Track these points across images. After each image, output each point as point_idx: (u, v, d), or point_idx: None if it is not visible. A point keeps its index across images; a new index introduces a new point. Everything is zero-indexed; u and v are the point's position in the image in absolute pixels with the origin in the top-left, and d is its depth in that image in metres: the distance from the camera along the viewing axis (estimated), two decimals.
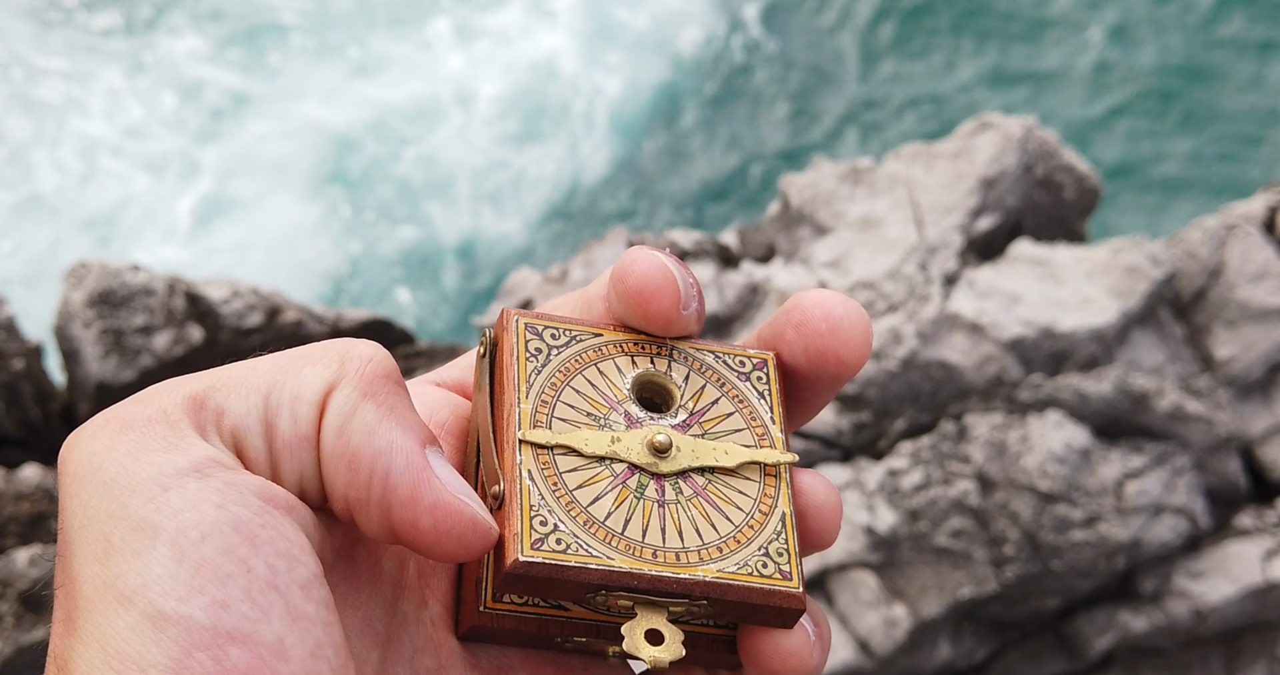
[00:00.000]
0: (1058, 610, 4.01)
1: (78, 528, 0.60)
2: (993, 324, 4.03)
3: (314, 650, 0.59)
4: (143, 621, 0.57)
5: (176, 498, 0.59)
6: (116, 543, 0.58)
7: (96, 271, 3.98)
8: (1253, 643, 4.06)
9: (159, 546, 0.58)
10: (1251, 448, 4.21)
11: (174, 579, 0.57)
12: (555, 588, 0.65)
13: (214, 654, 0.56)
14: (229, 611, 0.57)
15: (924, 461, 3.90)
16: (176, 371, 3.94)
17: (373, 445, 0.63)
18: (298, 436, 0.63)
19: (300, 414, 0.63)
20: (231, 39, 9.23)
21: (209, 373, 0.64)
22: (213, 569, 0.58)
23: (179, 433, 0.61)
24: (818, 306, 0.70)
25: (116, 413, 0.63)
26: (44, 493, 3.62)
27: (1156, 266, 4.18)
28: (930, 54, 9.19)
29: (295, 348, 0.66)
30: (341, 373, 0.64)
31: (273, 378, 0.63)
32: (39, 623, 3.40)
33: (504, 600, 0.68)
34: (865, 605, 3.83)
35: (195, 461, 0.60)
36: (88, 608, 0.58)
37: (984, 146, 4.44)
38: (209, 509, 0.59)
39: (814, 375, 0.71)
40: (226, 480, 0.60)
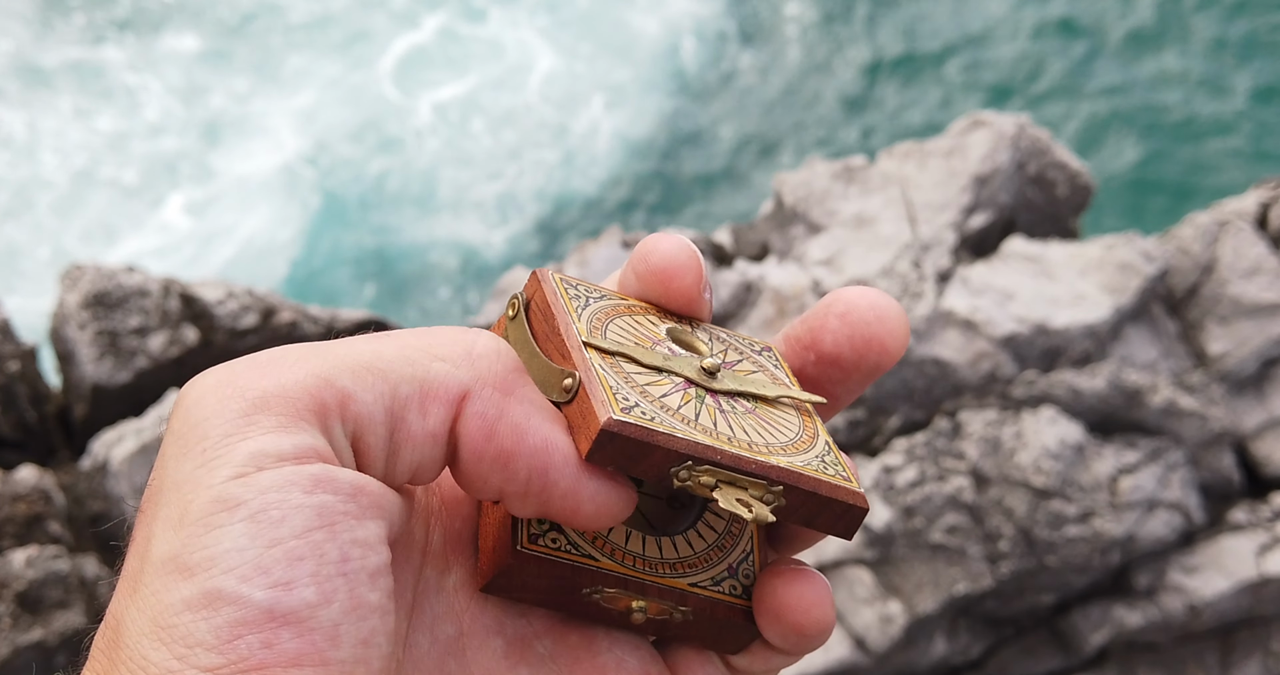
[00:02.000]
0: (1053, 606, 4.02)
1: (164, 489, 0.60)
2: (986, 321, 4.04)
3: (367, 638, 0.59)
4: (198, 597, 0.57)
5: (267, 478, 0.59)
6: (194, 512, 0.59)
7: (91, 273, 3.98)
8: (1247, 637, 4.07)
9: (236, 522, 0.58)
10: (1245, 443, 4.21)
11: (242, 555, 0.57)
12: (645, 455, 0.66)
13: (265, 637, 0.57)
14: (290, 593, 0.57)
15: (919, 458, 3.91)
16: (172, 372, 3.95)
17: (527, 445, 0.65)
18: (426, 432, 0.64)
19: (431, 412, 0.64)
20: (230, 39, 9.22)
21: (332, 349, 0.64)
22: (284, 550, 0.58)
23: (291, 414, 0.61)
24: (863, 297, 0.73)
25: (234, 375, 0.62)
26: (40, 494, 3.62)
27: (1149, 263, 4.19)
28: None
29: (414, 332, 0.66)
30: (475, 373, 0.65)
31: (401, 369, 0.64)
32: (36, 623, 3.41)
33: (537, 543, 0.69)
34: (861, 602, 3.84)
35: (298, 447, 0.60)
36: (152, 573, 0.58)
37: (976, 144, 4.45)
38: (296, 493, 0.59)
39: (855, 363, 0.73)
40: (323, 468, 0.60)
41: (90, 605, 3.49)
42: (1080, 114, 8.79)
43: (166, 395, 3.83)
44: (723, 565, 0.73)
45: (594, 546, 0.70)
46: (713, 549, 0.73)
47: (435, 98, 9.03)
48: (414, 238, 8.56)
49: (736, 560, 0.73)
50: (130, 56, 9.10)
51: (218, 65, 9.14)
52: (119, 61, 9.07)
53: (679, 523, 0.74)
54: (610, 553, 0.71)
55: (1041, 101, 8.84)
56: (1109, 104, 8.81)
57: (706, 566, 0.72)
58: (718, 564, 0.73)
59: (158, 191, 8.56)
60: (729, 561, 0.73)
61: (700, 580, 0.72)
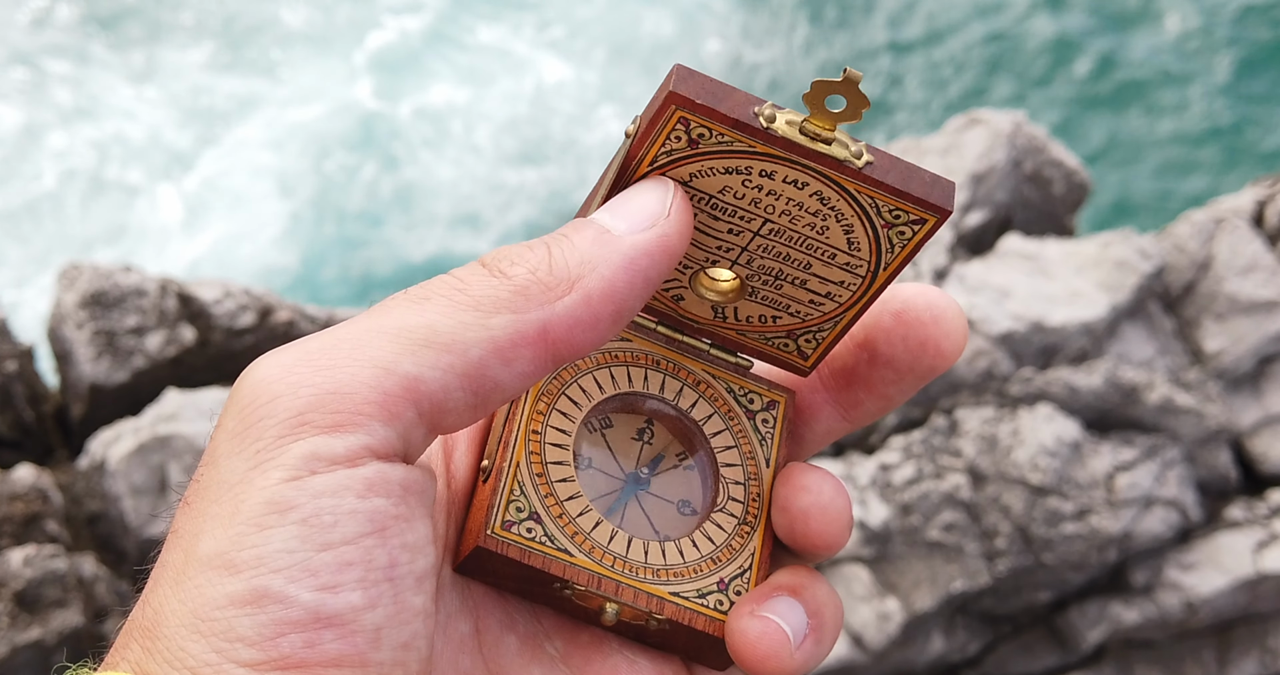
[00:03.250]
0: (1050, 603, 4.02)
1: (215, 485, 0.60)
2: (983, 318, 4.04)
3: (408, 642, 0.60)
4: (244, 594, 0.57)
5: (320, 482, 0.59)
6: (246, 512, 0.58)
7: (88, 273, 3.98)
8: (1244, 634, 4.07)
9: (288, 524, 0.58)
10: (1241, 440, 4.22)
11: (292, 557, 0.57)
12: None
13: (308, 637, 0.57)
14: (336, 596, 0.58)
15: (915, 455, 3.92)
16: (169, 372, 3.96)
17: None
18: (516, 376, 0.64)
19: (517, 360, 0.64)
20: (231, 43, 9.23)
21: (385, 329, 0.62)
22: (334, 555, 0.58)
23: (348, 411, 0.60)
24: (920, 296, 0.71)
25: (288, 373, 0.61)
26: (38, 493, 3.63)
27: (1145, 260, 4.20)
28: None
29: (448, 284, 0.64)
30: (535, 307, 0.64)
31: (463, 336, 0.63)
32: (34, 623, 3.41)
33: (511, 530, 0.69)
34: (858, 599, 3.84)
35: (350, 449, 0.60)
36: (197, 567, 0.58)
37: (973, 142, 4.46)
38: (350, 497, 0.59)
39: (910, 366, 0.72)
40: (376, 470, 0.60)
41: (88, 604, 3.49)
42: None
43: (164, 395, 3.83)
44: (713, 578, 0.72)
45: (572, 542, 0.70)
46: (706, 560, 0.72)
47: (437, 105, 9.03)
48: (412, 248, 8.56)
49: (730, 575, 0.72)
50: (126, 59, 9.11)
51: (217, 70, 9.14)
52: (115, 64, 9.08)
53: (684, 529, 0.74)
54: (589, 550, 0.70)
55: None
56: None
57: (694, 577, 0.71)
58: (707, 576, 0.72)
59: (153, 194, 8.56)
60: (721, 575, 0.72)
61: (684, 590, 0.71)
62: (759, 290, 0.74)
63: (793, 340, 0.76)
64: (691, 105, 0.66)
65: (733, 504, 0.74)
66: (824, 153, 0.67)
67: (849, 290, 0.72)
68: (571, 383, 0.74)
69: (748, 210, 0.70)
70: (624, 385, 0.75)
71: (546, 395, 0.73)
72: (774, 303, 0.74)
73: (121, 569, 3.68)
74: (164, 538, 0.62)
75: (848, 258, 0.71)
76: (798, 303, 0.74)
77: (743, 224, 0.71)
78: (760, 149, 0.67)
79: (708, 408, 0.76)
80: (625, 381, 0.75)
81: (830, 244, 0.71)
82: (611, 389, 0.75)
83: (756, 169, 0.68)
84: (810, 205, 0.69)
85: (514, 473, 0.70)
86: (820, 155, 0.67)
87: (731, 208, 0.70)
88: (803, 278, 0.73)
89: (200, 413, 3.69)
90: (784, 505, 0.71)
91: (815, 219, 0.70)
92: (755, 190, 0.69)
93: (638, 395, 0.76)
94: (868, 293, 0.72)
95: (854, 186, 0.68)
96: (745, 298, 0.74)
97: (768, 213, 0.70)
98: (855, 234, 0.70)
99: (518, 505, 0.69)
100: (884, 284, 0.72)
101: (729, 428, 0.76)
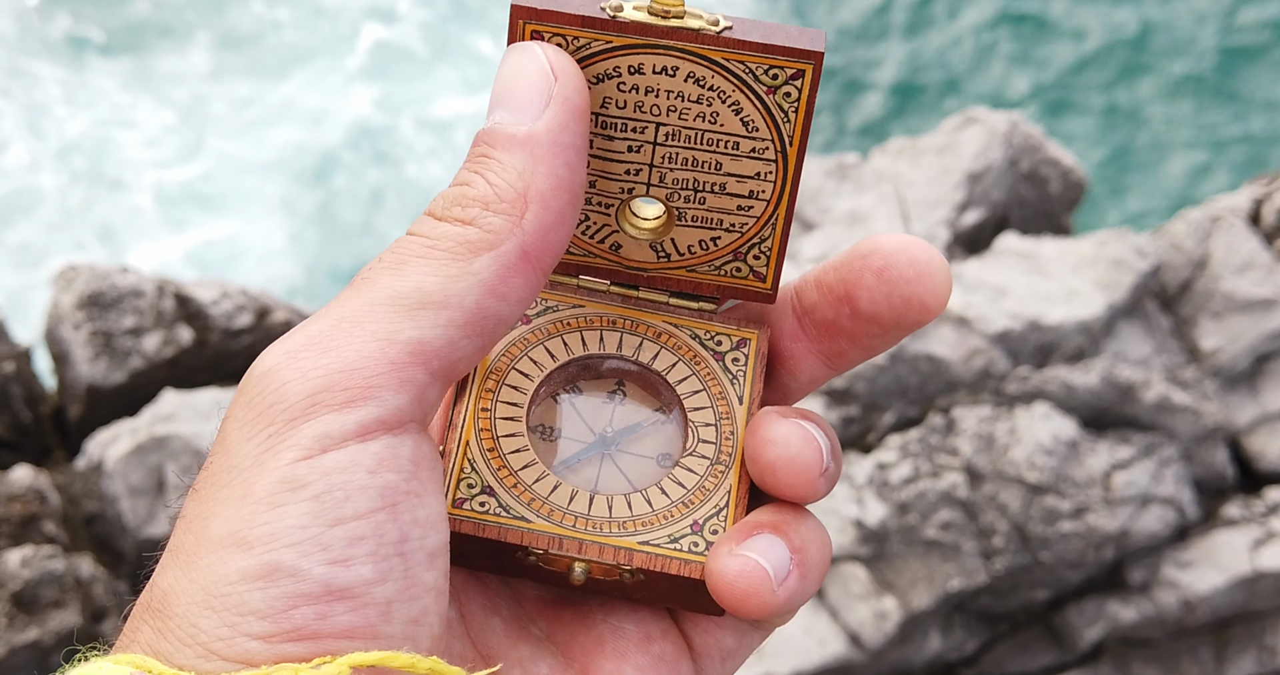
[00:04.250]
0: (1047, 601, 4.03)
1: (226, 470, 0.61)
2: (980, 317, 4.05)
3: (418, 617, 0.60)
4: (257, 568, 0.58)
5: (332, 459, 0.59)
6: (258, 492, 0.59)
7: (86, 274, 3.99)
8: (1242, 632, 4.08)
9: (300, 501, 0.59)
10: (1238, 438, 4.22)
11: (304, 532, 0.58)
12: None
13: (319, 609, 0.57)
14: (348, 570, 0.58)
15: (912, 454, 3.92)
16: (167, 373, 3.96)
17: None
18: (518, 303, 0.65)
19: (510, 290, 0.65)
20: (229, 47, 9.22)
21: (377, 300, 0.63)
22: (346, 529, 0.58)
23: (358, 387, 0.61)
24: (902, 252, 0.70)
25: (295, 359, 0.62)
26: (35, 494, 3.63)
27: (1142, 258, 4.20)
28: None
29: (416, 244, 0.65)
30: (511, 233, 0.65)
31: (452, 288, 0.63)
32: (31, 623, 3.41)
33: (463, 507, 0.69)
34: (855, 598, 3.84)
35: (361, 424, 0.60)
36: (209, 548, 0.59)
37: (969, 141, 4.46)
38: (361, 473, 0.60)
39: (894, 322, 0.70)
40: (386, 444, 0.61)
41: (86, 605, 3.50)
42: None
43: (161, 395, 3.83)
44: (685, 522, 0.70)
45: (529, 508, 0.70)
46: (677, 505, 0.71)
47: (439, 115, 9.03)
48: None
49: (705, 516, 0.71)
50: (125, 65, 9.11)
51: (220, 75, 9.14)
52: (112, 69, 9.08)
53: (657, 478, 0.73)
54: (547, 514, 0.69)
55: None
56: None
57: (665, 523, 0.70)
58: (679, 520, 0.70)
59: (152, 199, 8.56)
60: (694, 517, 0.71)
61: (653, 538, 0.70)
62: (686, 210, 0.73)
63: (741, 261, 0.74)
64: (536, 14, 0.66)
65: (704, 446, 0.73)
66: (679, 27, 0.66)
67: (768, 182, 0.71)
68: (521, 356, 0.73)
69: (635, 118, 0.70)
70: (578, 350, 0.74)
71: (495, 373, 0.73)
72: (706, 220, 0.73)
73: (119, 569, 3.68)
74: (166, 534, 0.62)
75: (751, 143, 0.70)
76: (727, 213, 0.73)
77: (638, 136, 0.70)
78: (617, 41, 0.67)
79: (670, 357, 0.75)
80: (580, 346, 0.75)
81: (728, 132, 0.70)
82: (565, 355, 0.74)
83: (624, 66, 0.68)
84: (690, 92, 0.68)
85: (463, 451, 0.70)
86: (676, 31, 0.67)
87: (619, 121, 0.70)
88: (719, 181, 0.71)
89: (198, 413, 3.70)
90: (753, 457, 0.70)
91: (702, 106, 0.69)
92: (633, 92, 0.69)
93: (595, 357, 0.75)
94: (788, 179, 0.71)
95: (720, 55, 0.67)
96: (676, 224, 0.73)
97: (654, 114, 0.69)
98: (745, 111, 0.69)
99: (469, 482, 0.69)
100: (799, 162, 0.70)
101: (695, 373, 0.74)
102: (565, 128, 0.66)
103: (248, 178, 8.63)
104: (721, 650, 0.73)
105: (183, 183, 8.60)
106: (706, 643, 0.72)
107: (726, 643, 0.73)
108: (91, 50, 9.14)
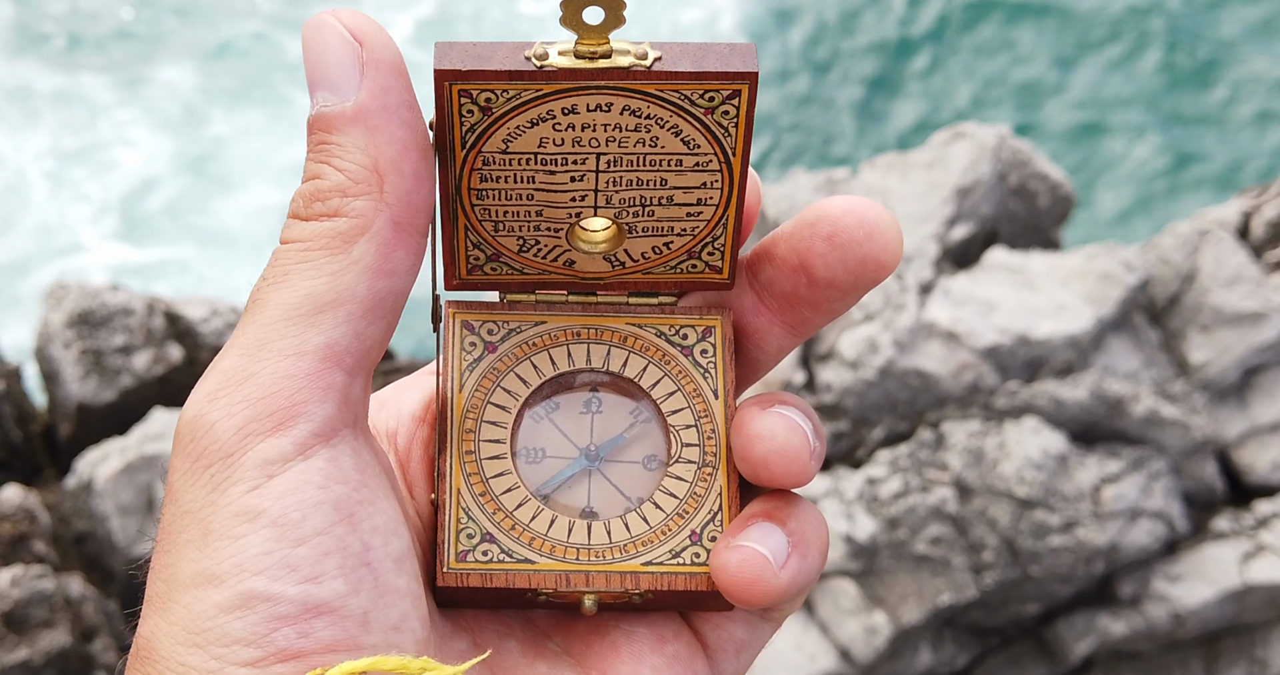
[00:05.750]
0: (1038, 616, 4.03)
1: (179, 516, 0.61)
2: (969, 332, 4.05)
3: (398, 623, 0.61)
4: (232, 599, 0.58)
5: (280, 483, 0.60)
6: (216, 529, 0.60)
7: (75, 292, 3.99)
8: (1232, 645, 4.08)
9: (259, 529, 0.59)
10: (1227, 451, 4.23)
11: (270, 557, 0.59)
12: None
13: (300, 628, 0.58)
14: (320, 586, 0.59)
15: (902, 469, 3.92)
16: (157, 391, 3.96)
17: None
18: (408, 273, 0.65)
19: (396, 264, 0.65)
20: (227, 74, 9.22)
21: (273, 323, 0.63)
22: (309, 547, 0.59)
23: (283, 408, 0.61)
24: (849, 214, 0.69)
25: (215, 399, 0.62)
26: (25, 513, 3.63)
27: (1130, 272, 4.21)
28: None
29: (289, 252, 0.65)
30: (376, 208, 0.65)
31: (343, 283, 0.64)
32: (21, 643, 3.41)
33: (466, 559, 0.69)
34: (845, 613, 3.85)
35: (298, 442, 0.61)
36: (181, 590, 0.59)
37: (958, 156, 4.47)
38: (311, 491, 0.60)
39: (852, 285, 0.70)
40: (328, 458, 0.61)
41: (76, 624, 3.50)
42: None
43: (151, 414, 3.83)
44: (683, 534, 0.71)
45: (531, 548, 0.70)
46: (673, 517, 0.71)
47: None
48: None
49: (701, 523, 0.71)
50: (121, 88, 9.11)
51: (215, 97, 9.14)
52: (109, 91, 9.08)
53: (656, 484, 0.73)
54: (549, 551, 0.70)
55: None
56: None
57: (665, 538, 0.71)
58: (677, 533, 0.71)
59: (145, 219, 8.56)
60: (691, 527, 0.71)
61: (656, 557, 0.70)
62: (635, 224, 0.72)
63: (696, 258, 0.74)
64: (461, 75, 0.65)
65: (688, 449, 0.73)
66: (607, 67, 0.65)
67: (715, 189, 0.70)
68: (494, 388, 0.73)
69: (574, 152, 0.68)
70: (548, 371, 0.74)
71: (472, 411, 0.73)
72: (656, 230, 0.72)
73: (109, 588, 3.68)
74: (147, 566, 0.63)
75: (694, 158, 0.69)
76: (677, 220, 0.72)
77: (580, 167, 0.69)
78: (548, 88, 0.65)
79: (640, 361, 0.74)
80: (549, 367, 0.74)
81: (669, 152, 0.69)
82: (536, 379, 0.74)
83: (558, 109, 0.66)
84: (627, 122, 0.67)
85: (457, 501, 0.70)
86: (605, 71, 0.65)
87: (558, 157, 0.69)
88: (666, 195, 0.71)
89: None
90: (742, 455, 0.70)
91: (640, 134, 0.68)
92: (569, 130, 0.67)
93: (566, 375, 0.74)
94: (734, 184, 0.70)
95: (654, 87, 0.66)
96: (629, 236, 0.72)
97: (593, 146, 0.68)
98: (686, 132, 0.68)
99: (468, 532, 0.70)
100: (743, 168, 0.69)
101: (667, 374, 0.74)
102: (388, 89, 0.64)
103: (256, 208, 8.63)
104: (735, 643, 0.73)
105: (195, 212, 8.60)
106: (719, 638, 0.73)
107: (739, 636, 0.73)
108: (87, 69, 9.13)
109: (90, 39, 9.31)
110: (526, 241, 0.72)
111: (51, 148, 8.71)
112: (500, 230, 0.71)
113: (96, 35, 9.32)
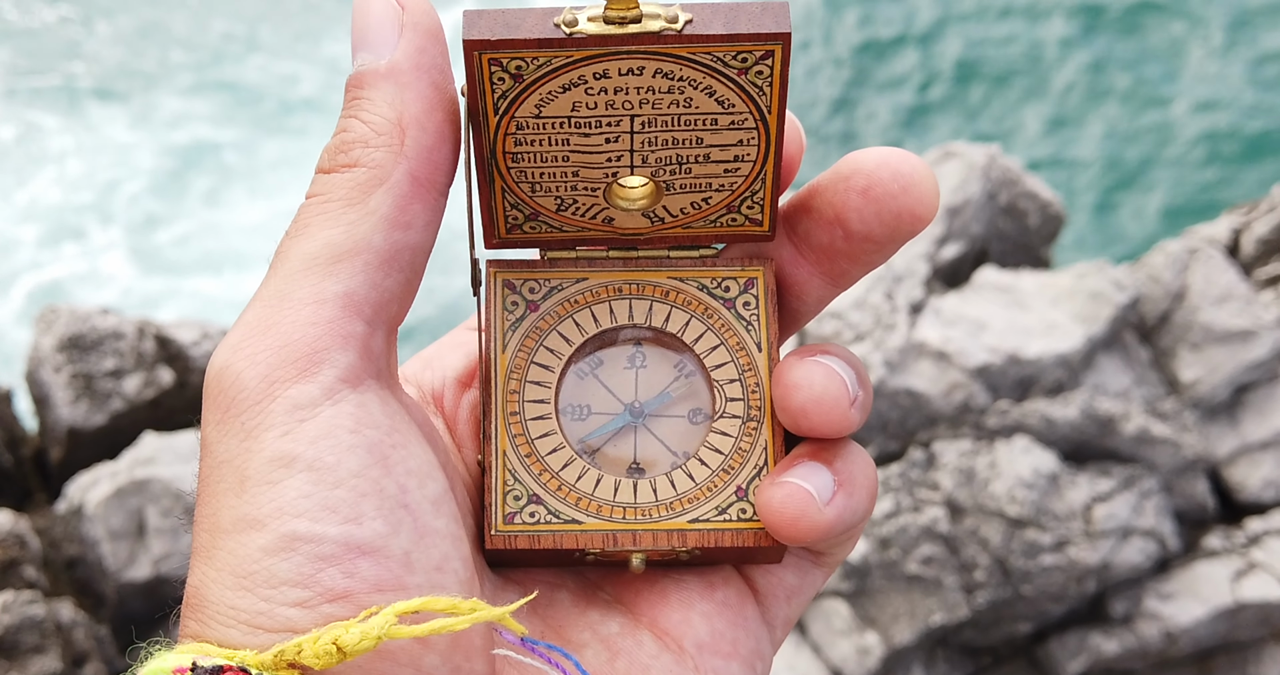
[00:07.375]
0: (1030, 634, 4.03)
1: (216, 465, 0.62)
2: (959, 351, 4.06)
3: (440, 563, 0.62)
4: (275, 541, 0.59)
5: (312, 428, 0.61)
6: (253, 475, 0.60)
7: (66, 316, 3.99)
8: (1224, 663, 4.08)
9: (296, 473, 0.60)
10: (1218, 469, 4.23)
11: (309, 501, 0.60)
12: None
13: (345, 567, 0.59)
14: (361, 527, 0.60)
15: (893, 489, 3.92)
16: (148, 415, 3.96)
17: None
18: (431, 224, 0.67)
19: (415, 215, 0.66)
20: (234, 105, 9.23)
21: (295, 271, 0.64)
22: (347, 489, 0.60)
23: (308, 355, 0.62)
24: (884, 167, 0.69)
25: (240, 349, 0.63)
26: (15, 539, 3.62)
27: (1120, 291, 4.22)
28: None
29: (312, 209, 0.66)
30: (396, 162, 0.66)
31: (359, 232, 0.65)
32: (12, 668, 3.40)
33: (514, 521, 0.70)
34: (838, 634, 3.84)
35: (326, 387, 0.62)
36: (224, 536, 0.60)
37: (948, 175, 4.48)
38: (344, 435, 0.61)
39: (888, 236, 0.70)
40: (356, 402, 0.62)
41: (67, 650, 3.49)
42: None
43: (142, 438, 3.83)
44: (729, 490, 0.71)
45: (577, 508, 0.71)
46: (719, 473, 0.72)
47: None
48: (439, 290, 8.56)
49: (747, 479, 0.72)
50: (128, 114, 9.12)
51: (221, 123, 9.15)
52: (114, 117, 9.09)
53: (702, 438, 0.73)
54: (596, 510, 0.71)
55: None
56: None
57: (711, 495, 0.71)
58: (723, 490, 0.71)
59: (144, 242, 8.56)
60: (737, 483, 0.71)
61: (703, 514, 0.71)
62: (673, 182, 0.72)
63: (736, 212, 0.74)
64: (490, 45, 0.65)
65: (732, 404, 0.73)
66: (638, 32, 0.64)
67: (752, 146, 0.70)
68: (537, 347, 0.74)
69: (608, 115, 0.68)
70: (590, 329, 0.74)
71: (516, 371, 0.73)
72: (694, 186, 0.72)
73: (100, 613, 3.67)
74: (148, 577, 0.64)
75: (729, 117, 0.69)
76: (715, 177, 0.72)
77: (614, 128, 0.69)
78: (579, 55, 0.65)
79: (682, 315, 0.75)
80: (592, 323, 0.75)
81: (704, 112, 0.69)
82: (579, 337, 0.74)
83: (589, 74, 0.66)
84: (660, 85, 0.67)
85: (503, 463, 0.71)
86: (635, 37, 0.65)
87: (592, 120, 0.69)
88: (703, 153, 0.70)
89: (178, 456, 3.70)
90: (782, 406, 0.70)
91: (674, 95, 0.68)
92: (601, 94, 0.67)
93: (609, 332, 0.75)
94: (771, 140, 0.70)
95: (686, 51, 0.65)
96: (666, 193, 0.73)
97: (627, 109, 0.68)
98: (720, 93, 0.68)
99: (514, 494, 0.70)
100: (780, 125, 0.69)
101: (710, 327, 0.74)
102: (422, 51, 0.66)
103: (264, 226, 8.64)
104: (785, 589, 0.74)
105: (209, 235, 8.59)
106: (770, 583, 0.74)
107: (790, 581, 0.74)
108: (91, 99, 9.13)
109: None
110: (564, 201, 0.72)
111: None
112: (537, 191, 0.71)
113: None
